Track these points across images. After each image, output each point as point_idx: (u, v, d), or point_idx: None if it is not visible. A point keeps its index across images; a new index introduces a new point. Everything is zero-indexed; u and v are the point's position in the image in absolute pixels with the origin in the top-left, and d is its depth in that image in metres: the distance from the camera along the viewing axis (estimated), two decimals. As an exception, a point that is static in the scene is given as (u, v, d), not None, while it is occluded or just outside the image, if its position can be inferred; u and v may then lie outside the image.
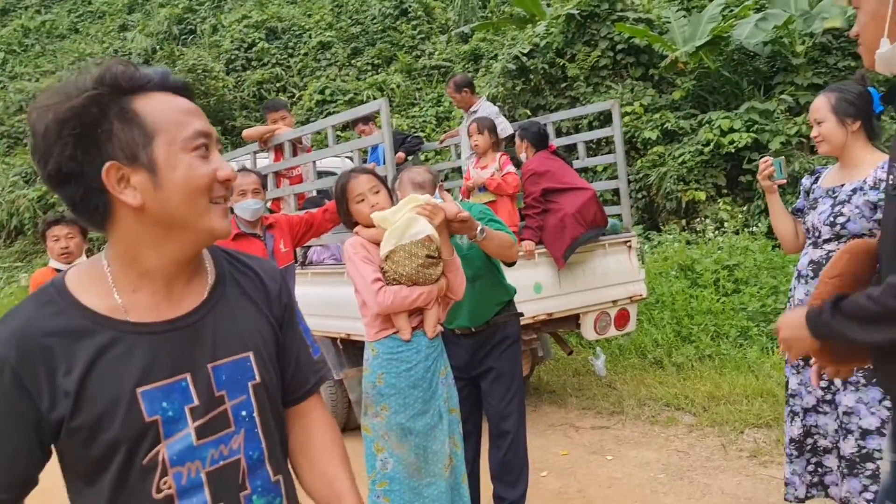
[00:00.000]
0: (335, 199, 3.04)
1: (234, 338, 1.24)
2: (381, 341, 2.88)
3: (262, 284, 1.34)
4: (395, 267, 2.79)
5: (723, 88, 10.56)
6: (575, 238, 4.72)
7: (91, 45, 18.80)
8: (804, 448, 3.08)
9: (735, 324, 6.06)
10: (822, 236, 2.90)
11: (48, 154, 1.09)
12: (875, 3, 1.61)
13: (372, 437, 2.91)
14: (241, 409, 1.22)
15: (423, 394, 2.89)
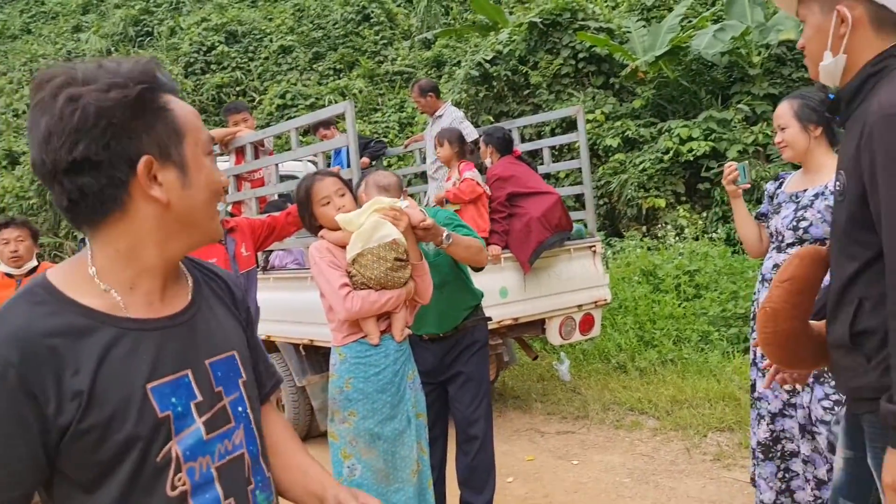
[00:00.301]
0: (298, 203, 2.96)
1: (221, 337, 1.25)
2: (348, 345, 2.83)
3: (229, 289, 1.36)
4: (363, 270, 2.75)
5: (682, 97, 10.74)
6: (540, 242, 4.72)
7: (44, 45, 18.32)
8: (772, 453, 3.10)
9: (696, 328, 6.12)
10: (786, 240, 2.94)
11: (77, 140, 1.04)
12: (819, 18, 1.70)
13: (339, 444, 2.85)
14: (237, 405, 1.23)
15: (392, 398, 2.84)
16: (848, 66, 1.67)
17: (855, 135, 1.62)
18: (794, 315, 1.84)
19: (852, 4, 1.64)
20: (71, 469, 1.07)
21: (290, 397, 5.12)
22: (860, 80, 1.65)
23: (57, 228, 14.89)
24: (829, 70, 1.70)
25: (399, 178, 3.08)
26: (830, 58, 1.68)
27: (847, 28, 1.64)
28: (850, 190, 1.64)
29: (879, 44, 1.64)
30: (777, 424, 3.06)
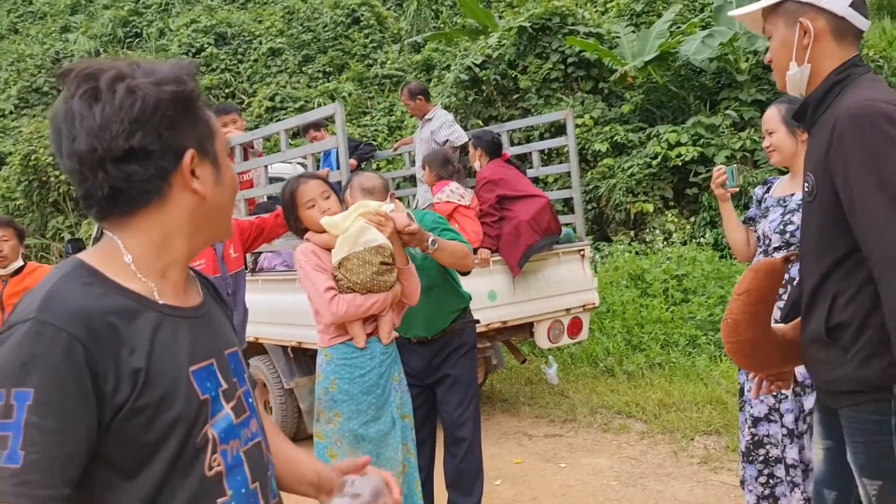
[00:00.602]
0: (283, 205, 2.98)
1: (227, 333, 1.29)
2: (335, 347, 2.84)
3: (216, 290, 1.38)
4: (349, 275, 2.75)
5: (670, 103, 10.80)
6: (530, 246, 4.73)
7: (31, 46, 18.18)
8: (754, 457, 3.12)
9: (684, 332, 6.15)
10: (773, 244, 2.96)
11: (135, 129, 1.09)
12: (784, 31, 1.82)
13: (324, 444, 2.86)
14: (248, 396, 1.26)
15: (377, 400, 2.85)
16: (812, 76, 1.79)
17: (823, 138, 1.71)
18: (753, 324, 1.93)
19: (814, 17, 1.75)
20: (117, 451, 1.06)
21: (277, 399, 5.10)
22: (826, 88, 1.77)
23: (44, 229, 14.79)
24: (794, 79, 1.81)
25: (385, 181, 3.08)
26: (796, 67, 1.79)
27: (810, 39, 1.76)
28: (821, 191, 1.74)
29: (841, 54, 1.77)
30: (760, 429, 3.08)
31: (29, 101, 16.78)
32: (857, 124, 1.63)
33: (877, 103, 1.64)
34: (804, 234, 1.87)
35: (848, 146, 1.64)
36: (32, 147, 13.83)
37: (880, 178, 1.60)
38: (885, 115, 1.63)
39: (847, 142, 1.64)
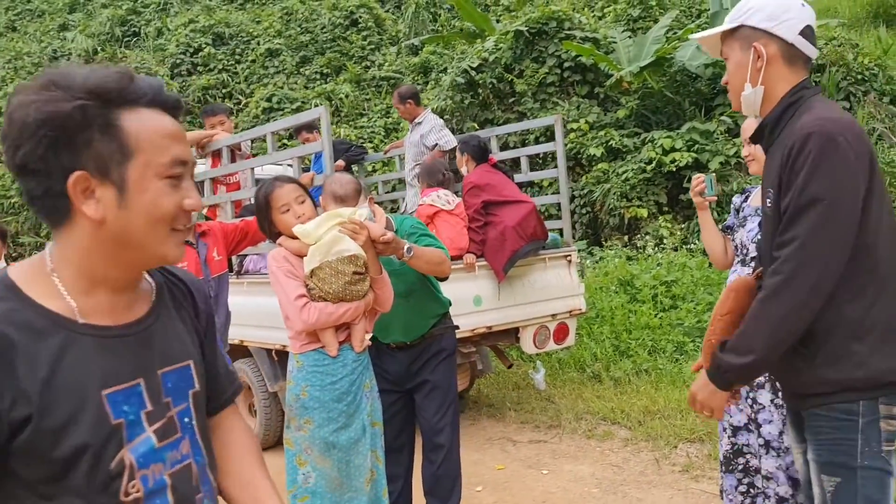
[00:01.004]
0: (257, 209, 2.96)
1: (178, 346, 1.25)
2: (306, 354, 2.83)
3: (192, 298, 1.36)
4: (321, 284, 2.75)
5: (665, 108, 10.80)
6: (515, 251, 4.72)
7: (29, 44, 18.18)
8: (733, 466, 3.11)
9: (672, 339, 6.14)
10: (750, 254, 2.96)
11: (18, 145, 1.07)
12: (739, 55, 1.94)
13: (294, 451, 2.86)
14: (184, 416, 1.23)
15: (348, 407, 2.85)
16: (765, 97, 1.92)
17: (779, 156, 1.82)
18: None
19: (766, 42, 1.89)
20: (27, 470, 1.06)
21: (262, 402, 5.09)
22: (781, 110, 1.89)
23: (38, 228, 14.76)
24: (749, 100, 1.93)
25: (358, 185, 3.04)
26: (750, 88, 1.91)
27: (763, 62, 1.89)
28: (776, 203, 1.85)
29: (792, 77, 1.90)
30: (740, 438, 3.07)
31: (26, 99, 16.75)
32: (810, 142, 1.74)
33: (825, 123, 1.76)
34: (765, 247, 1.94)
35: (797, 161, 1.75)
36: (28, 145, 13.81)
37: (816, 194, 1.72)
38: (829, 135, 1.74)
39: (797, 158, 1.75)
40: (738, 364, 1.80)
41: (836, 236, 1.72)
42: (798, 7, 1.90)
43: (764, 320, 1.76)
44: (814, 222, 1.71)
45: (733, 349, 1.82)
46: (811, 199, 1.72)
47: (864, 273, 1.77)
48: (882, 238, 1.78)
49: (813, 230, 1.71)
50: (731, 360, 1.82)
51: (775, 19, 1.88)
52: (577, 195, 10.28)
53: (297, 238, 2.82)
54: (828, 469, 1.81)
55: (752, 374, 1.86)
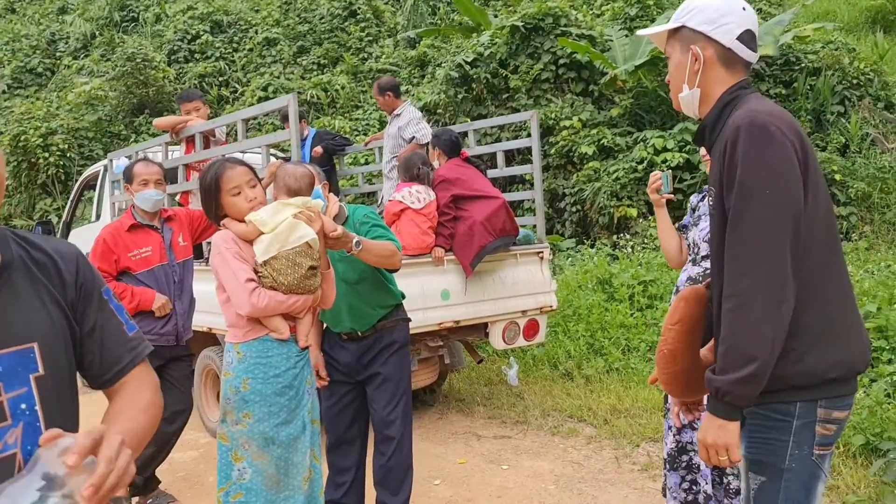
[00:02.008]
0: (204, 189, 2.84)
1: (17, 327, 1.19)
2: (248, 344, 2.77)
3: (56, 268, 1.29)
4: (276, 275, 2.71)
5: (659, 108, 10.76)
6: (483, 246, 4.70)
7: (27, 26, 18.18)
8: (677, 464, 3.11)
9: (646, 339, 6.13)
10: (701, 252, 2.95)
11: None
12: (679, 55, 1.92)
13: (229, 447, 2.78)
14: (21, 402, 1.17)
15: (289, 402, 2.79)
16: (703, 99, 1.91)
17: (717, 154, 1.79)
18: (688, 353, 1.96)
19: (704, 45, 1.87)
20: None
21: (228, 390, 5.08)
22: (719, 109, 1.87)
23: (31, 211, 14.77)
24: (686, 101, 1.93)
25: (312, 174, 3.00)
26: (687, 90, 1.91)
27: (700, 65, 1.87)
28: (716, 200, 1.82)
29: (730, 79, 1.88)
30: (684, 436, 3.08)
31: (22, 82, 16.77)
32: (741, 135, 1.70)
33: (756, 115, 1.72)
34: (712, 247, 1.90)
35: (731, 155, 1.72)
36: (23, 128, 13.81)
37: (754, 185, 1.67)
38: (761, 125, 1.70)
39: (731, 151, 1.72)
40: (738, 378, 1.66)
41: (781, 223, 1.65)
42: (738, 11, 1.87)
43: (747, 327, 1.66)
44: (757, 214, 1.66)
45: (727, 366, 1.68)
46: (749, 191, 1.67)
47: None
48: (817, 232, 1.73)
49: (757, 223, 1.66)
50: (729, 378, 1.67)
51: (713, 23, 1.85)
52: (567, 193, 10.25)
53: (242, 222, 2.78)
54: (755, 467, 1.79)
55: (755, 387, 1.67)
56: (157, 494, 4.14)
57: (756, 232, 1.66)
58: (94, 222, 6.57)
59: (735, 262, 1.69)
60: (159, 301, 3.93)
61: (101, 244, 3.91)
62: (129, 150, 6.12)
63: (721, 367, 1.70)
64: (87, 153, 14.17)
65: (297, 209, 2.75)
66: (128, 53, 14.39)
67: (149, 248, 4.03)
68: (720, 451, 1.74)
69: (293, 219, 2.72)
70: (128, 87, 14.78)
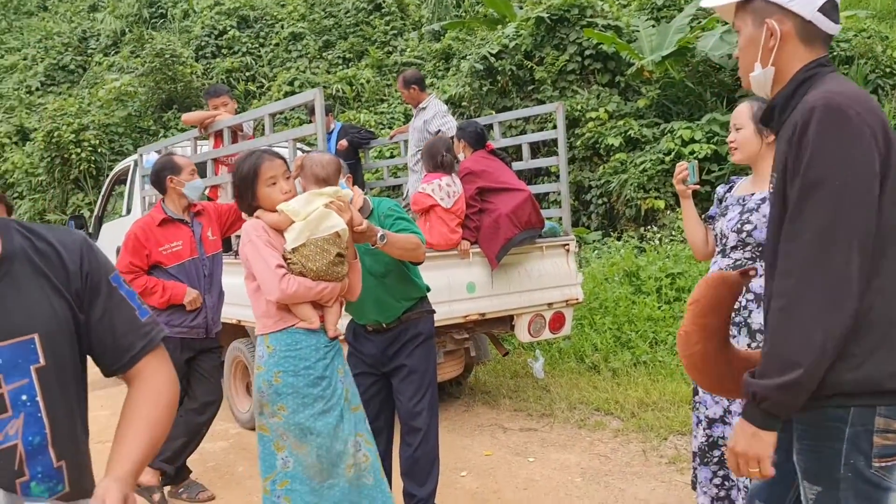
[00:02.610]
0: (241, 179, 2.87)
1: (17, 319, 1.19)
2: (277, 336, 2.80)
3: (60, 259, 1.29)
4: (305, 261, 2.74)
5: (687, 99, 10.63)
6: (508, 239, 4.69)
7: (59, 24, 18.48)
8: (708, 458, 3.09)
9: (673, 331, 6.07)
10: (729, 243, 2.92)
11: None
12: (751, 30, 1.74)
13: (270, 437, 2.83)
14: (22, 393, 1.18)
15: (324, 392, 2.82)
16: (777, 78, 1.73)
17: (785, 138, 1.64)
18: (704, 336, 1.83)
19: (781, 19, 1.68)
20: None
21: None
22: (791, 89, 1.70)
23: (64, 206, 15.03)
24: (758, 81, 1.75)
25: (339, 163, 3.04)
26: (759, 69, 1.73)
27: (776, 41, 1.69)
28: (777, 189, 1.68)
29: (808, 56, 1.69)
30: (715, 430, 3.05)
31: (55, 79, 17.05)
32: (814, 117, 1.55)
33: (833, 96, 1.57)
34: (768, 238, 1.79)
35: (801, 140, 1.56)
36: (56, 124, 14.05)
37: (822, 175, 1.52)
38: (837, 108, 1.54)
39: (801, 136, 1.56)
40: (778, 384, 1.52)
41: (850, 222, 1.50)
42: None
43: (792, 330, 1.52)
44: (820, 207, 1.51)
45: (768, 371, 1.55)
46: (815, 181, 1.52)
47: None
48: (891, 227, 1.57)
49: (819, 217, 1.51)
50: (768, 384, 1.53)
51: None
52: (593, 185, 10.19)
53: (274, 212, 2.81)
54: (809, 476, 1.67)
55: (796, 396, 1.53)
56: (188, 484, 4.21)
57: (816, 227, 1.52)
58: (124, 216, 6.67)
59: (788, 258, 1.56)
60: (190, 295, 3.99)
61: (133, 238, 3.98)
62: (158, 145, 6.21)
63: (761, 371, 1.58)
64: (117, 148, 14.39)
65: (329, 199, 2.78)
66: (156, 49, 14.57)
67: (179, 243, 4.09)
68: (750, 463, 1.61)
69: (324, 208, 2.76)
70: (156, 83, 14.97)
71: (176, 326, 4.01)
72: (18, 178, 15.17)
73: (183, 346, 4.06)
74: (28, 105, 16.52)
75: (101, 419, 5.75)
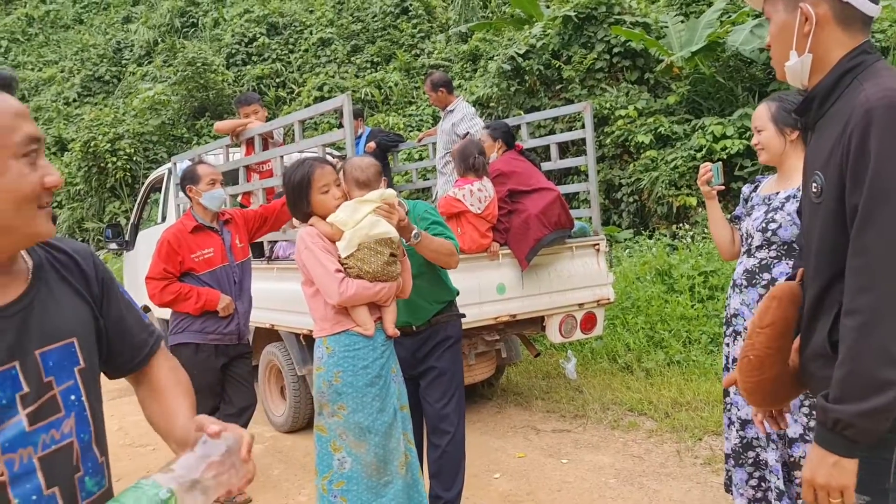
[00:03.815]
0: (294, 186, 2.91)
1: (59, 324, 1.26)
2: (336, 338, 2.86)
3: (78, 266, 1.35)
4: (361, 264, 2.81)
5: (717, 94, 10.51)
6: (539, 239, 4.69)
7: (94, 36, 18.88)
8: (743, 460, 3.06)
9: (707, 330, 6.01)
10: (755, 243, 2.90)
11: None
12: (783, 16, 1.63)
13: (328, 437, 2.89)
14: (70, 393, 1.24)
15: (380, 392, 2.88)
16: (815, 67, 1.62)
17: (832, 134, 1.55)
18: (778, 359, 1.76)
19: (816, 1, 1.58)
20: None
21: (291, 386, 5.21)
22: (835, 78, 1.59)
23: (101, 214, 15.37)
24: (794, 70, 1.64)
25: (379, 166, 3.07)
26: (796, 57, 1.62)
27: (811, 26, 1.59)
28: (829, 191, 1.57)
29: (848, 41, 1.59)
30: (748, 432, 3.02)
31: (91, 90, 17.43)
32: (876, 120, 1.45)
33: (892, 95, 1.46)
34: (808, 240, 1.71)
35: (862, 145, 1.46)
36: (92, 134, 14.37)
37: (886, 184, 1.43)
38: None
39: (861, 140, 1.46)
40: (866, 409, 1.42)
41: None
42: None
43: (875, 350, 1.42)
44: (891, 218, 1.42)
45: (850, 395, 1.44)
46: (885, 191, 1.42)
47: None
48: None
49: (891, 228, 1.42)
50: (853, 409, 1.43)
51: None
52: (623, 183, 10.12)
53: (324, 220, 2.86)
54: (859, 487, 1.56)
55: (885, 420, 1.43)
56: (226, 487, 4.28)
57: (889, 239, 1.43)
58: (159, 224, 6.80)
59: (860, 273, 1.46)
60: (224, 301, 4.06)
61: (166, 245, 4.05)
62: (192, 153, 6.31)
63: (839, 395, 1.46)
64: (151, 156, 14.66)
65: (374, 205, 2.82)
66: (188, 58, 14.82)
67: (210, 250, 4.16)
68: (832, 494, 1.49)
69: (372, 215, 2.80)
70: (189, 91, 15.23)
71: (210, 333, 4.08)
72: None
73: (217, 353, 4.13)
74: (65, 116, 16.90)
75: (140, 424, 5.88)
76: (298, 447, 5.03)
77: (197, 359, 4.05)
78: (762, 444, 2.99)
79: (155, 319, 7.09)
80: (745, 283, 2.93)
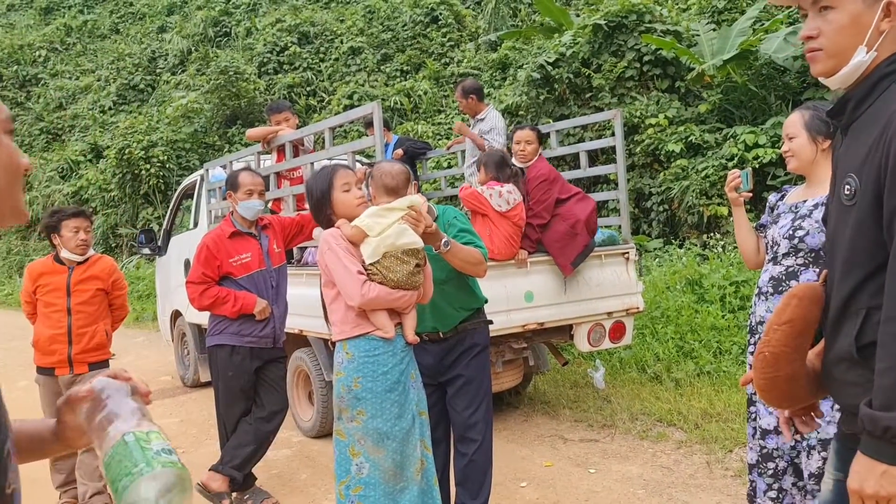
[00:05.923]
0: (317, 191, 2.96)
1: None
2: (356, 343, 2.87)
3: None
4: (386, 272, 2.82)
5: (750, 103, 10.40)
6: (586, 245, 4.69)
7: (130, 45, 19.25)
8: (763, 470, 3.03)
9: (738, 341, 5.94)
10: (781, 250, 2.88)
11: None
12: (860, 6, 1.52)
13: (346, 442, 2.90)
14: None
15: (399, 397, 2.89)
16: None
17: (868, 137, 1.50)
18: (794, 358, 1.73)
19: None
20: None
21: (319, 391, 5.24)
22: (873, 81, 1.52)
23: (135, 220, 15.63)
24: (855, 69, 1.53)
25: (408, 172, 3.06)
26: (864, 54, 1.51)
27: (892, 23, 1.48)
28: (864, 194, 1.53)
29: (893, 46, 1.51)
30: (769, 441, 2.99)
31: (126, 98, 17.76)
32: None
33: None
34: (835, 243, 1.67)
35: None
36: (126, 142, 14.63)
37: None
38: None
39: None
40: None
41: None
42: None
43: None
44: None
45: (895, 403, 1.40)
46: None
47: None
48: None
49: None
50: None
51: None
52: (653, 192, 10.05)
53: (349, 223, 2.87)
54: None
55: None
56: (254, 491, 4.31)
57: None
58: (192, 230, 6.89)
59: None
60: (260, 305, 4.10)
61: (205, 250, 4.12)
62: (223, 160, 6.40)
63: (887, 403, 1.42)
64: (184, 164, 14.88)
65: (402, 212, 2.83)
66: (221, 67, 15.04)
67: (248, 255, 4.21)
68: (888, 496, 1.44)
69: (399, 224, 2.81)
70: (221, 100, 15.45)
71: (246, 336, 4.13)
72: (93, 194, 15.81)
73: (252, 356, 4.18)
74: (101, 124, 17.23)
75: (172, 426, 5.95)
76: (325, 452, 5.05)
77: (232, 361, 4.12)
78: (781, 454, 2.96)
79: (186, 324, 7.19)
80: (772, 290, 2.91)
